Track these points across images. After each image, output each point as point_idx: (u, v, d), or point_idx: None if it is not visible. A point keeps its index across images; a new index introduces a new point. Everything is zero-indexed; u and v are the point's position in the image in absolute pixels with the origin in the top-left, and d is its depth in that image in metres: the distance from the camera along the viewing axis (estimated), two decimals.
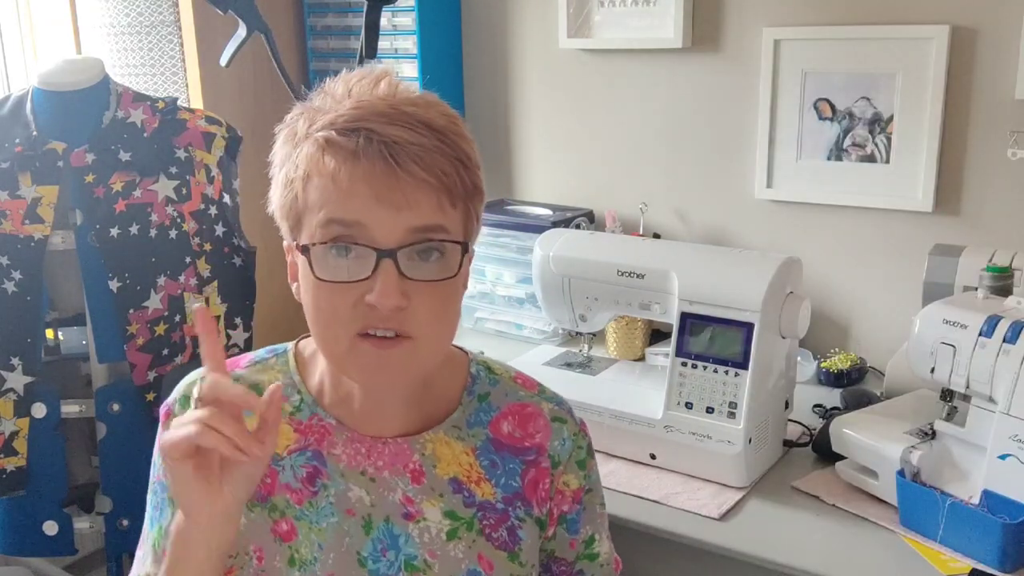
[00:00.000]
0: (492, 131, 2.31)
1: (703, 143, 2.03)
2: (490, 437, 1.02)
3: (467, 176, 0.90)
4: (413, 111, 0.87)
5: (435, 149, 0.86)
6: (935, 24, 1.72)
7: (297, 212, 0.90)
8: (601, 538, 1.09)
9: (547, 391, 1.07)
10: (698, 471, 1.45)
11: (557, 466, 1.03)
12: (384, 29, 2.11)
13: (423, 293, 0.87)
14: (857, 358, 1.84)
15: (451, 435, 1.00)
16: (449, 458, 1.00)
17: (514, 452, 1.02)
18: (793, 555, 1.26)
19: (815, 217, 1.93)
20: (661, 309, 1.52)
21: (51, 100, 1.58)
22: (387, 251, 0.86)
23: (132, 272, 1.57)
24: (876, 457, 1.33)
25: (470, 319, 2.18)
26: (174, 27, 2.10)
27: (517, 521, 1.01)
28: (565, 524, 1.05)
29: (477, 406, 1.03)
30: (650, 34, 2.01)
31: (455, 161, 0.88)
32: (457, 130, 0.90)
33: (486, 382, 1.05)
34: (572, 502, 1.05)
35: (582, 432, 1.06)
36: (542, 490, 1.02)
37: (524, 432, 1.03)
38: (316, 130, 0.88)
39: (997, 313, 1.24)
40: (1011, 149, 1.71)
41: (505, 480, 1.01)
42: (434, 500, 0.98)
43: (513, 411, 1.03)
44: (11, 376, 1.54)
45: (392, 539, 0.97)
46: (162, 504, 0.98)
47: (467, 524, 0.99)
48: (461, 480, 0.99)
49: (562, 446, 1.03)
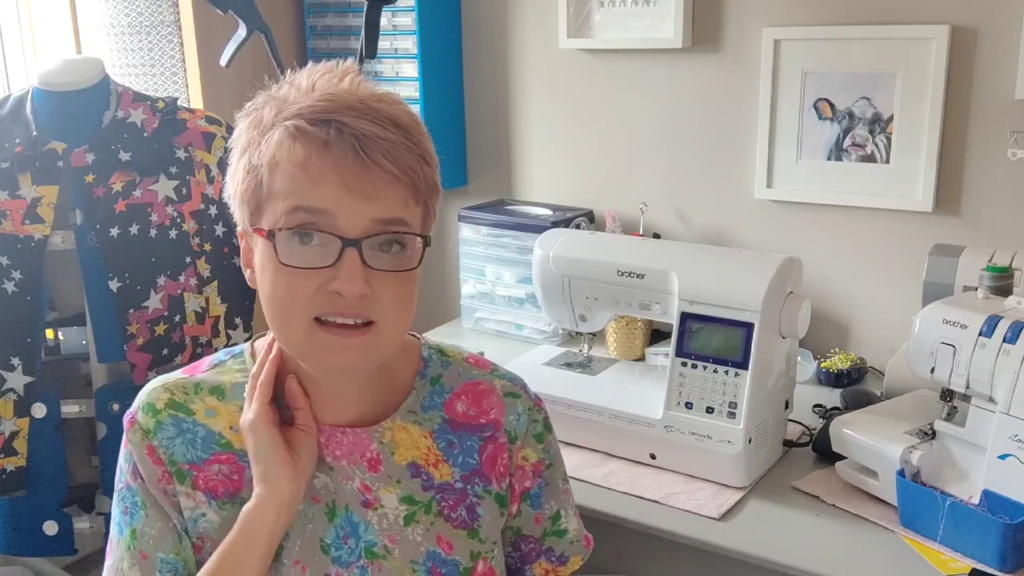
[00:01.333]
0: (492, 131, 2.31)
1: (703, 143, 2.03)
2: (445, 418, 1.03)
3: (429, 173, 0.92)
4: (380, 107, 0.90)
5: (402, 145, 0.89)
6: (935, 24, 1.72)
7: (260, 198, 0.90)
8: (568, 514, 1.11)
9: (500, 369, 1.09)
10: (698, 471, 1.45)
11: (515, 441, 1.04)
12: (384, 29, 2.11)
13: (385, 281, 0.89)
14: (857, 358, 1.84)
15: (407, 420, 1.02)
16: (407, 443, 1.01)
17: (470, 430, 1.04)
18: (793, 555, 1.26)
19: (815, 217, 1.93)
20: (661, 309, 1.52)
21: (51, 100, 1.58)
22: (352, 240, 0.87)
23: (132, 272, 1.57)
24: (876, 457, 1.33)
25: (470, 319, 2.18)
26: (174, 27, 2.10)
27: (475, 499, 1.02)
28: (529, 500, 1.07)
29: (430, 389, 1.05)
30: (650, 34, 2.00)
31: (419, 158, 0.90)
32: (420, 128, 0.93)
33: (438, 364, 1.06)
34: (533, 476, 1.06)
35: (537, 407, 1.08)
36: (501, 465, 1.04)
37: (479, 409, 1.04)
38: (285, 118, 0.88)
39: (997, 313, 1.24)
40: (1011, 149, 1.71)
41: (463, 459, 1.03)
42: (391, 487, 1.00)
43: (466, 390, 1.05)
44: (11, 376, 1.54)
45: (352, 527, 0.99)
46: (132, 508, 0.98)
47: (425, 507, 1.01)
48: (419, 464, 1.01)
49: (517, 420, 1.05)
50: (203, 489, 0.97)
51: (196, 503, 0.97)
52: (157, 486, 0.97)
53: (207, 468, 0.98)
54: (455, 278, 2.31)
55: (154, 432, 0.98)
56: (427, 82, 2.21)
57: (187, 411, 0.99)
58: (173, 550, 0.97)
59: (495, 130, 2.30)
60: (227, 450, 0.98)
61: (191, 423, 0.99)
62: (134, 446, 0.98)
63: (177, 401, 0.99)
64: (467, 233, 2.15)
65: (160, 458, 0.97)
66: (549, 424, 1.09)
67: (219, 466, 0.98)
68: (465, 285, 2.18)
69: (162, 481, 0.97)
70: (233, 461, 0.98)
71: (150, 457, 0.97)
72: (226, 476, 0.98)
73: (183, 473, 0.97)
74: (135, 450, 0.98)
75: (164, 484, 0.97)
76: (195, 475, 0.97)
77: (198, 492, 0.97)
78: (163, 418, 0.98)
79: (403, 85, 2.22)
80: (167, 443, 0.97)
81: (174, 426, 0.98)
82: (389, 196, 0.88)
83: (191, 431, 0.98)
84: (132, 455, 0.98)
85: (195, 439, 0.98)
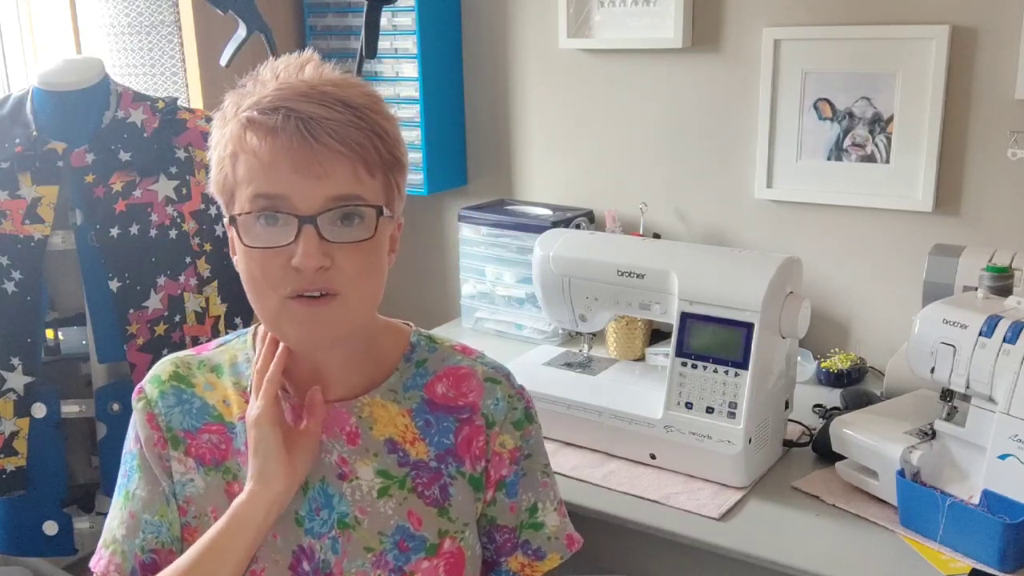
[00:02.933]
0: (492, 131, 2.31)
1: (703, 143, 2.03)
2: (425, 398, 1.07)
3: (383, 147, 0.96)
4: (332, 91, 0.95)
5: (349, 123, 0.93)
6: (935, 24, 1.72)
7: (230, 188, 0.97)
8: (547, 509, 1.11)
9: (486, 358, 1.12)
10: (698, 471, 1.45)
11: (492, 426, 1.07)
12: (384, 29, 2.11)
13: (346, 253, 0.94)
14: (857, 358, 1.84)
15: (387, 398, 1.06)
16: (385, 420, 1.05)
17: (448, 411, 1.06)
18: (793, 555, 1.26)
19: (815, 217, 1.93)
20: (661, 309, 1.52)
21: (51, 100, 1.58)
22: (307, 217, 0.92)
23: (132, 272, 1.57)
24: (876, 457, 1.33)
25: (470, 319, 2.18)
26: (174, 27, 2.10)
27: (449, 479, 1.05)
28: (504, 489, 1.08)
29: (414, 371, 1.08)
30: (650, 34, 2.00)
31: (370, 134, 0.94)
32: (375, 107, 0.97)
33: (425, 350, 1.10)
34: (510, 463, 1.08)
35: (518, 395, 1.10)
36: (476, 448, 1.06)
37: (458, 392, 1.07)
38: (241, 111, 0.95)
39: (997, 313, 1.24)
40: (1011, 149, 1.71)
41: (439, 438, 1.06)
42: (368, 460, 1.04)
43: (448, 373, 1.08)
44: (11, 376, 1.54)
45: (326, 499, 1.03)
46: (130, 472, 1.05)
47: (399, 482, 1.04)
48: (396, 440, 1.05)
49: (496, 406, 1.07)
50: (194, 456, 1.04)
51: (186, 468, 1.04)
52: (152, 450, 1.04)
53: (199, 436, 1.05)
54: (455, 278, 2.31)
55: (156, 400, 1.06)
56: (427, 82, 2.21)
57: (188, 383, 1.07)
58: (159, 512, 1.03)
59: (495, 130, 2.30)
60: (218, 421, 1.05)
61: (190, 394, 1.06)
62: (137, 412, 1.06)
63: (181, 374, 1.08)
64: (467, 233, 2.15)
65: (159, 424, 1.05)
66: (531, 414, 1.11)
67: (209, 435, 1.05)
68: (465, 285, 2.18)
69: (157, 445, 1.04)
70: (223, 432, 1.05)
71: (150, 423, 1.05)
72: (214, 445, 1.04)
73: (178, 439, 1.04)
74: (138, 416, 1.06)
75: (159, 448, 1.04)
76: (188, 442, 1.04)
77: (189, 458, 1.04)
78: (166, 388, 1.06)
79: (403, 85, 2.22)
80: (167, 411, 1.05)
81: (175, 396, 1.06)
82: (337, 172, 0.93)
83: (189, 402, 1.06)
84: (135, 421, 1.06)
85: (191, 409, 1.06)
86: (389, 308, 1.20)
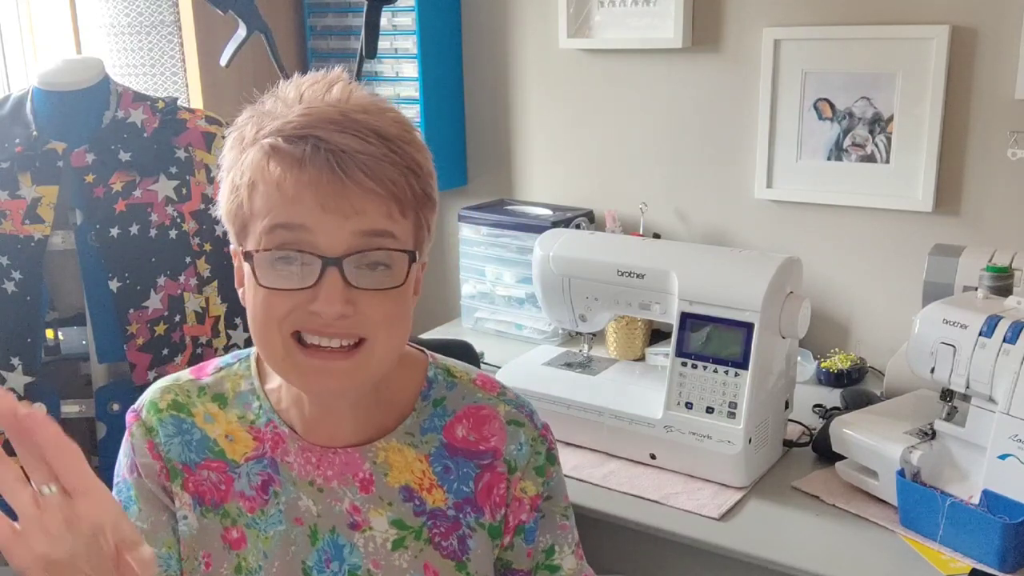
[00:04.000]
0: (492, 131, 2.31)
1: (703, 143, 2.03)
2: (444, 442, 0.99)
3: (417, 185, 0.88)
4: (364, 119, 0.86)
5: (384, 158, 0.85)
6: (935, 24, 1.72)
7: (243, 219, 0.89)
8: (564, 552, 1.05)
9: (508, 393, 1.04)
10: (698, 471, 1.45)
11: (514, 472, 1.00)
12: (384, 29, 2.11)
13: (371, 300, 0.87)
14: (857, 358, 1.84)
15: (404, 442, 0.99)
16: (401, 466, 0.98)
17: (468, 456, 0.99)
18: (793, 555, 1.26)
19: (815, 217, 1.93)
20: (661, 309, 1.52)
21: (51, 100, 1.58)
22: (333, 259, 0.84)
23: (132, 272, 1.57)
24: (876, 457, 1.33)
25: (470, 319, 2.18)
26: (174, 27, 2.10)
27: (468, 530, 0.99)
28: (523, 534, 1.02)
29: (432, 411, 1.00)
30: (650, 34, 2.00)
31: (404, 170, 0.86)
32: (409, 138, 0.89)
33: (443, 386, 1.02)
34: (530, 510, 1.02)
35: (542, 437, 1.03)
36: (496, 495, 0.99)
37: (479, 436, 1.00)
38: (263, 136, 0.86)
39: (997, 313, 1.24)
40: (1011, 149, 1.71)
41: (458, 485, 0.99)
42: (382, 509, 0.97)
43: (469, 414, 1.01)
44: (11, 376, 1.54)
45: (337, 549, 0.97)
46: (126, 503, 0.98)
47: (415, 533, 0.98)
48: (413, 488, 0.98)
49: (519, 451, 1.00)
50: (191, 492, 0.98)
51: (181, 504, 0.98)
52: (156, 480, 0.98)
53: (198, 472, 0.98)
54: (455, 278, 2.31)
55: (156, 429, 0.99)
56: (427, 82, 2.21)
57: (188, 413, 1.00)
58: (165, 544, 0.97)
59: (495, 130, 2.30)
60: (219, 458, 0.98)
61: (190, 425, 0.99)
62: (135, 441, 0.99)
63: (180, 402, 1.00)
64: (467, 233, 2.15)
65: (159, 454, 0.98)
66: (553, 456, 1.04)
67: (208, 472, 0.98)
68: (465, 285, 2.18)
69: (160, 476, 0.98)
70: (223, 470, 0.98)
71: (151, 452, 0.98)
72: (214, 484, 0.98)
73: (176, 471, 0.98)
74: (136, 445, 0.99)
75: (162, 480, 0.98)
76: (186, 476, 0.98)
77: (186, 494, 0.98)
78: (164, 417, 0.99)
79: (403, 85, 2.22)
80: (166, 441, 0.98)
81: (174, 425, 0.99)
82: (368, 211, 0.85)
83: (189, 433, 0.99)
84: (132, 450, 0.99)
85: (191, 441, 0.99)
86: None
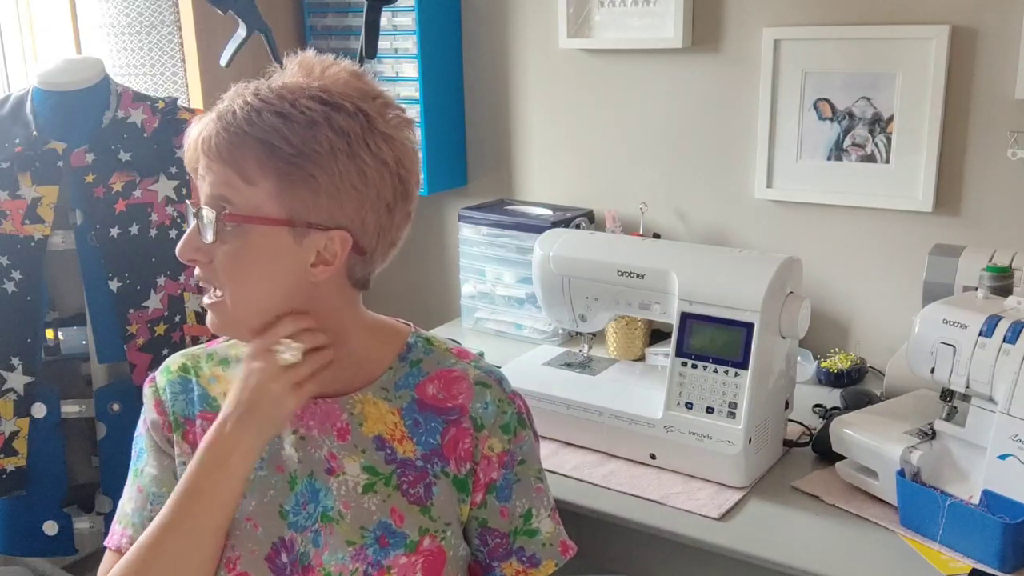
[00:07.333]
0: (492, 131, 2.31)
1: (703, 143, 2.03)
2: (415, 398, 1.08)
3: (265, 156, 0.96)
4: (256, 103, 0.98)
5: (239, 132, 0.96)
6: (935, 24, 1.72)
7: None
8: (540, 515, 1.11)
9: (481, 362, 1.12)
10: (698, 471, 1.45)
11: (480, 429, 1.06)
12: (384, 29, 2.11)
13: (214, 253, 0.98)
14: (857, 358, 1.84)
15: (379, 396, 1.07)
16: (375, 417, 1.06)
17: (437, 412, 1.07)
18: (793, 555, 1.26)
19: (815, 217, 1.93)
20: (661, 309, 1.52)
21: (51, 100, 1.58)
22: (195, 210, 0.99)
23: (132, 272, 1.57)
24: (876, 457, 1.33)
25: (470, 319, 2.18)
26: (174, 27, 2.10)
27: (433, 478, 1.06)
28: (495, 492, 1.08)
29: (407, 371, 1.09)
30: (650, 34, 2.01)
31: (257, 142, 0.96)
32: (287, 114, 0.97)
33: (421, 351, 1.11)
34: (499, 467, 1.07)
35: (509, 400, 1.09)
36: (462, 449, 1.06)
37: (448, 394, 1.08)
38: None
39: (997, 313, 1.24)
40: (1011, 149, 1.71)
41: (426, 438, 1.06)
42: (356, 456, 1.05)
43: (440, 376, 1.09)
44: (11, 376, 1.54)
45: (313, 493, 1.04)
46: (139, 452, 1.10)
47: (385, 479, 1.05)
48: (384, 438, 1.06)
49: (484, 409, 1.07)
50: (189, 442, 1.07)
51: (182, 451, 1.07)
52: (160, 433, 1.09)
53: (195, 423, 1.08)
54: (455, 278, 2.31)
55: (164, 388, 1.10)
56: (427, 82, 2.21)
57: (195, 374, 1.11)
58: (167, 485, 1.05)
59: (495, 130, 2.30)
60: (215, 411, 1.05)
61: (194, 384, 1.10)
62: (147, 399, 1.11)
63: (188, 366, 1.12)
64: (467, 233, 2.15)
65: (164, 410, 1.09)
66: (524, 420, 1.10)
67: (203, 422, 1.07)
68: (465, 285, 2.18)
69: (164, 429, 1.09)
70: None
71: (156, 408, 1.10)
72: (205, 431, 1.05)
73: (179, 424, 1.09)
74: (147, 402, 1.11)
75: (166, 432, 1.09)
76: (186, 428, 1.08)
77: (185, 443, 1.08)
78: (174, 378, 1.11)
79: (403, 85, 2.22)
80: (172, 398, 1.10)
81: (180, 385, 1.10)
82: (215, 176, 0.97)
83: (191, 391, 1.10)
84: (145, 407, 1.11)
85: (193, 398, 1.10)
86: (390, 308, 1.21)
